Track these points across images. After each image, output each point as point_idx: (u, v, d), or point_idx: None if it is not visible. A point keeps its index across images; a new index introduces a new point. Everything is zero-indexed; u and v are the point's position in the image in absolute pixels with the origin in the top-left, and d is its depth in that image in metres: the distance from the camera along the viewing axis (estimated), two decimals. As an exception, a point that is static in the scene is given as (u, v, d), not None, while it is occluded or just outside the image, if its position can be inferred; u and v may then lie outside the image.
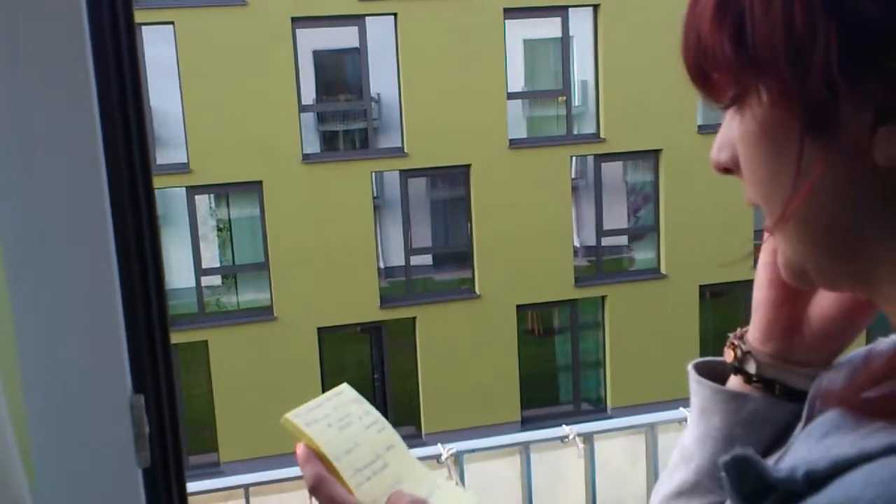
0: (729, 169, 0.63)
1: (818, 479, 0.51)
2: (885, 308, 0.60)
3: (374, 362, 15.49)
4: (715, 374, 0.80)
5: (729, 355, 0.79)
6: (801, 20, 0.51)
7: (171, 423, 1.21)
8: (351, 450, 0.89)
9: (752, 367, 0.77)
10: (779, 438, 0.75)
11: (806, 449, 0.56)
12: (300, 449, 0.89)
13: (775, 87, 0.54)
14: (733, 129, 0.61)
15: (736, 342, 0.79)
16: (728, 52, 0.56)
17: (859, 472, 0.49)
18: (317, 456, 0.88)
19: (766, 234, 0.69)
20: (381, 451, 0.92)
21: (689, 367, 0.82)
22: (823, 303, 0.73)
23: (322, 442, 0.89)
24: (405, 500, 0.86)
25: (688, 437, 0.82)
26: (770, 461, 0.74)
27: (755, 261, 0.79)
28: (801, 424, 0.70)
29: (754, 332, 0.77)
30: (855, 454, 0.50)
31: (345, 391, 0.97)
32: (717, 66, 0.58)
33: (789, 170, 0.55)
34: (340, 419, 0.92)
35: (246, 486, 3.78)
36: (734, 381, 0.78)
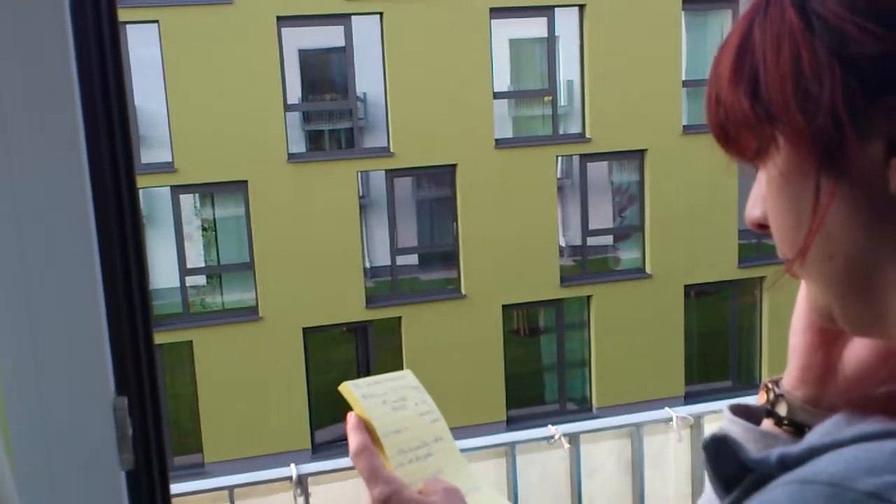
0: (763, 225, 0.65)
1: (791, 463, 0.53)
2: None
3: (360, 362, 15.47)
4: (749, 417, 0.81)
5: (762, 398, 0.80)
6: (808, 63, 0.55)
7: (155, 425, 1.20)
8: (399, 431, 0.91)
9: (783, 410, 0.78)
10: None
11: (809, 434, 0.60)
12: (351, 417, 0.91)
13: (789, 132, 0.57)
14: (763, 185, 0.64)
15: (770, 385, 0.80)
16: (745, 106, 0.59)
17: (829, 454, 0.52)
18: (366, 428, 0.90)
19: (803, 282, 0.70)
20: (428, 440, 0.93)
21: (724, 407, 0.83)
22: (857, 349, 0.73)
23: (373, 416, 0.90)
24: (440, 486, 0.87)
25: None
26: None
27: (739, 260, 0.79)
28: None
29: (788, 377, 0.79)
30: (828, 442, 0.53)
31: (407, 376, 0.99)
32: (736, 123, 0.61)
33: (808, 208, 0.58)
34: (396, 400, 0.94)
35: (231, 488, 3.76)
36: (766, 424, 0.79)
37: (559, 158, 15.50)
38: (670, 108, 15.03)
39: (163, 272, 14.18)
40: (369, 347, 15.24)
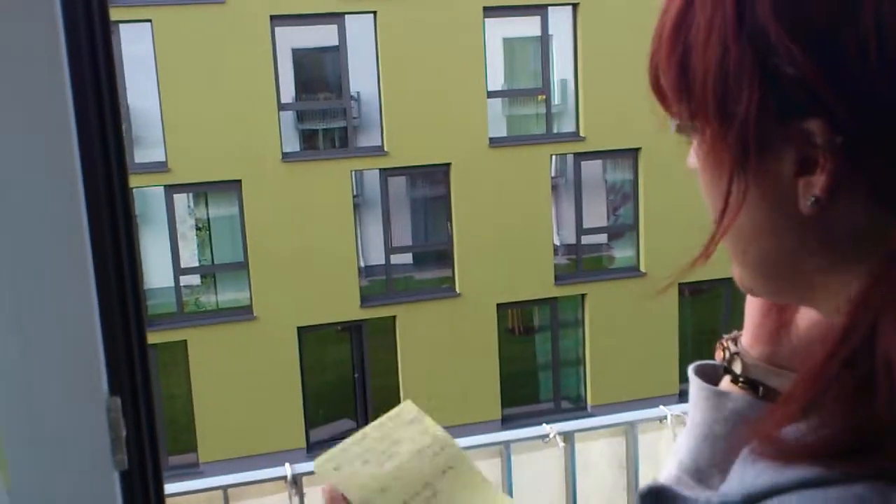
0: None
1: None
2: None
3: (355, 362, 15.46)
4: (715, 376, 0.82)
5: (719, 356, 0.81)
6: (734, 62, 0.52)
7: (149, 426, 1.20)
8: (387, 487, 0.83)
9: (738, 368, 0.79)
10: None
11: (740, 473, 0.56)
12: (327, 490, 0.83)
13: (706, 128, 0.56)
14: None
15: (726, 343, 0.81)
16: (674, 81, 0.58)
17: (770, 502, 0.50)
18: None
19: None
20: (431, 477, 0.86)
21: (690, 368, 0.84)
22: (810, 310, 0.74)
23: (348, 487, 0.82)
24: None
25: (682, 432, 0.85)
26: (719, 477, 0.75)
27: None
28: None
29: (745, 335, 0.80)
30: (768, 486, 0.51)
31: (404, 411, 0.92)
32: (669, 89, 0.60)
33: (722, 203, 0.58)
34: (384, 451, 0.86)
35: (225, 488, 3.75)
36: (724, 382, 0.80)
37: (553, 157, 15.51)
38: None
39: (157, 272, 14.15)
40: (364, 346, 15.23)
